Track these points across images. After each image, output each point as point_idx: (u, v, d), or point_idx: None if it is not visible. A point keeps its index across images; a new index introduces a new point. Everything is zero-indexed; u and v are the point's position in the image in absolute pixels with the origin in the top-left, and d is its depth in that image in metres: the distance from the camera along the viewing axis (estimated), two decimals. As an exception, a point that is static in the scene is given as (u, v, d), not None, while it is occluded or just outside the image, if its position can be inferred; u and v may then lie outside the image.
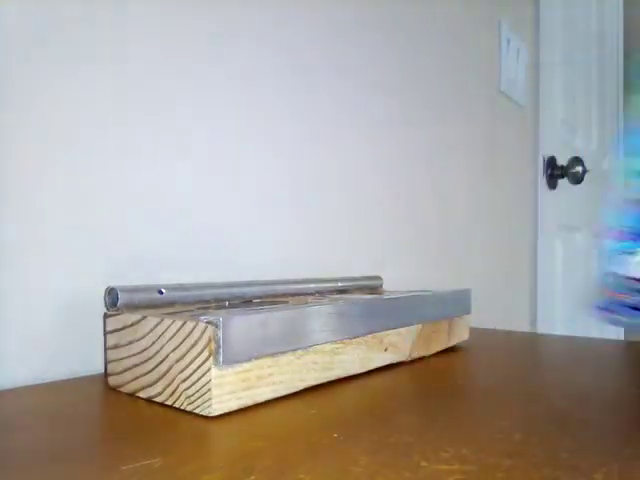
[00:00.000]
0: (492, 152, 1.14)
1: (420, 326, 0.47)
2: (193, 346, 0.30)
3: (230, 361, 0.30)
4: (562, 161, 1.42)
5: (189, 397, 0.30)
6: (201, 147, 0.52)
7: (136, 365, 0.34)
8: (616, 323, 0.29)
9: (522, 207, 1.30)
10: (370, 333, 0.41)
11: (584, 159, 1.43)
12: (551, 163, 1.40)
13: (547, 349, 0.53)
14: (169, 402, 0.31)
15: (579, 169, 1.42)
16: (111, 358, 0.36)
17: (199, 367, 0.29)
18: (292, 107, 0.63)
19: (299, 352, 0.34)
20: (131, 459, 0.23)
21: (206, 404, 0.29)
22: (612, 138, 1.97)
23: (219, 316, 0.30)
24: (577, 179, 1.43)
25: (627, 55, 2.07)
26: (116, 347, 0.36)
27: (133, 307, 0.38)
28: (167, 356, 0.32)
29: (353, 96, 0.72)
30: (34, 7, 0.39)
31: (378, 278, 0.67)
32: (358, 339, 0.40)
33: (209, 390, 0.29)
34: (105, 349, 0.37)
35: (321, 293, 0.56)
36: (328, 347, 0.37)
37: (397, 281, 0.80)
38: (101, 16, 0.43)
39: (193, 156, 0.51)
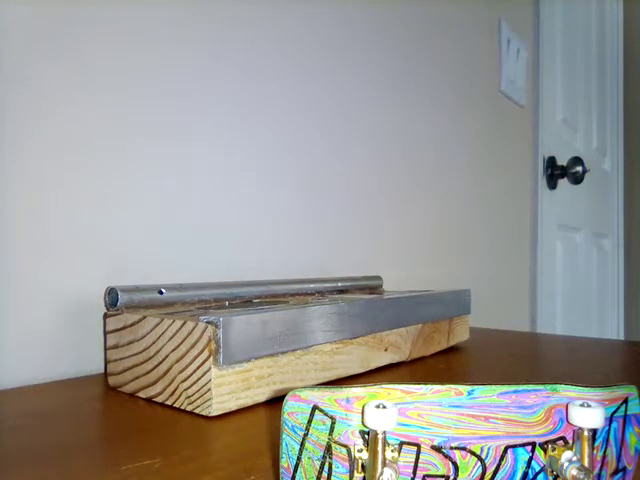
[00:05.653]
0: (492, 152, 1.14)
1: (420, 326, 0.47)
2: (193, 346, 0.30)
3: (230, 361, 0.30)
4: (562, 161, 1.42)
5: (189, 397, 0.30)
6: (200, 147, 0.52)
7: (136, 365, 0.34)
8: None
9: (522, 207, 1.30)
10: (370, 333, 0.41)
11: (584, 159, 1.43)
12: (551, 163, 1.40)
13: (547, 349, 0.53)
14: (169, 402, 0.31)
15: (579, 169, 1.41)
16: (111, 358, 0.36)
17: (199, 367, 0.29)
18: (292, 107, 0.63)
19: (299, 352, 0.34)
20: (131, 459, 0.23)
21: (206, 404, 0.29)
22: (612, 138, 1.97)
23: (219, 316, 0.30)
24: (577, 179, 1.43)
25: (627, 55, 2.06)
26: (116, 347, 0.36)
27: (133, 307, 0.38)
28: (167, 356, 0.32)
29: (352, 95, 0.72)
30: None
31: (378, 278, 0.67)
32: (358, 339, 0.40)
33: (209, 390, 0.29)
34: (105, 349, 0.37)
35: (321, 293, 0.56)
36: (328, 347, 0.37)
37: (397, 281, 0.80)
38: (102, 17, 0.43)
39: (192, 156, 0.51)
